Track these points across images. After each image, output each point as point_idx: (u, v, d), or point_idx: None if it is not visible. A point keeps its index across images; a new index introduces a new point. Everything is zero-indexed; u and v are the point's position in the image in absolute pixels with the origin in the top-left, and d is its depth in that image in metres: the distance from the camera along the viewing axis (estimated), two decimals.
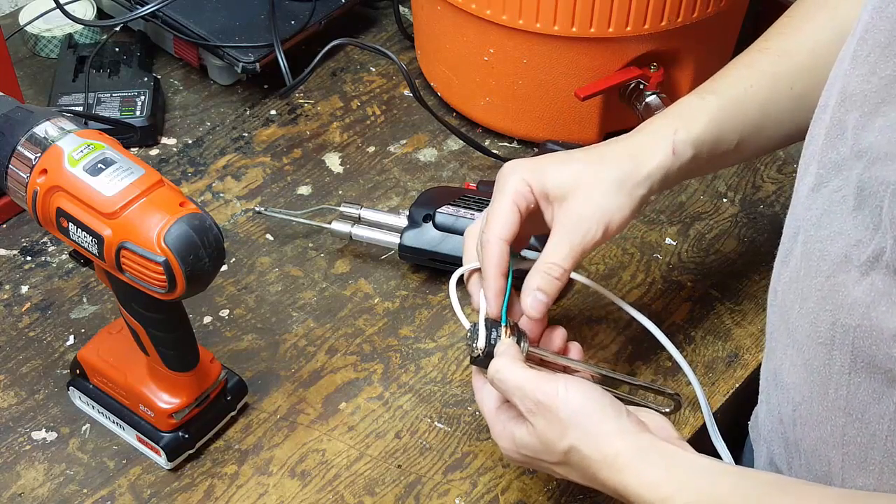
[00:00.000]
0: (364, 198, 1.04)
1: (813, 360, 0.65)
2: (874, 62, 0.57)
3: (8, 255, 0.97)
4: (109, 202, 0.69)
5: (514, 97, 1.05)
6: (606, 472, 0.66)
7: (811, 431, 0.68)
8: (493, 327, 0.74)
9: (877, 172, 0.57)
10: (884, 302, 0.58)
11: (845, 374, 0.62)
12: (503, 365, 0.70)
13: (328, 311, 0.94)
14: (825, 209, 0.62)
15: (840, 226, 0.61)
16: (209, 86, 1.16)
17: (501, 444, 0.72)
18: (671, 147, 0.77)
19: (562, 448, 0.67)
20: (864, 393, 0.62)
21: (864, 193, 0.58)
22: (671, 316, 0.95)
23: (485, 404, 0.74)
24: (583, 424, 0.67)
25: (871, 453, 0.63)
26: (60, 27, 1.17)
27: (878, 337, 0.59)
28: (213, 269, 0.72)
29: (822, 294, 0.63)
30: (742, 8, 1.09)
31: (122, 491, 0.81)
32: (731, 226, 1.03)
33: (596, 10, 0.96)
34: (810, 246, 0.64)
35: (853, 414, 0.63)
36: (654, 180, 0.77)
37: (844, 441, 0.65)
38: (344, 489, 0.82)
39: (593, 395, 0.68)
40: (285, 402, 0.87)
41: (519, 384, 0.69)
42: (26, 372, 0.88)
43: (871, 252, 0.58)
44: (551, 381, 0.68)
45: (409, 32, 1.22)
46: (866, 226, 0.58)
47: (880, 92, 0.57)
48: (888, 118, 0.57)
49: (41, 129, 0.72)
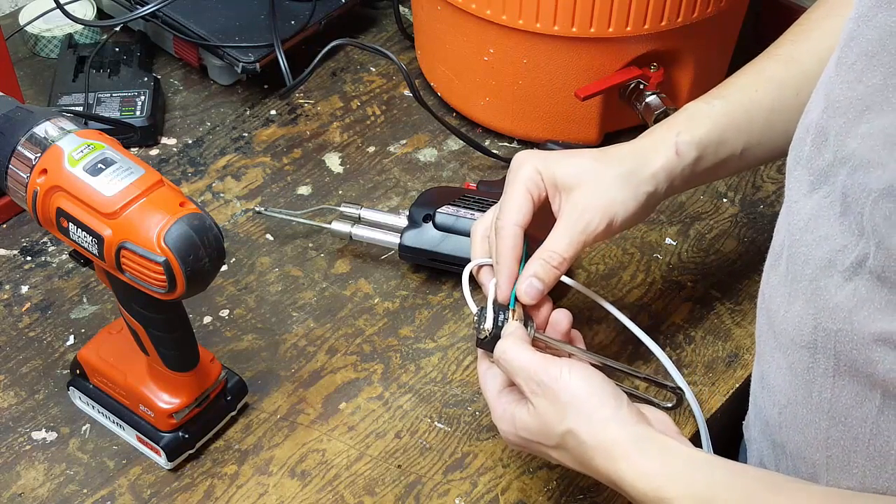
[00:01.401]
0: (364, 198, 1.04)
1: (797, 364, 0.66)
2: (860, 70, 0.58)
3: (8, 255, 0.97)
4: (109, 202, 0.69)
5: (514, 97, 1.05)
6: (601, 459, 0.66)
7: (796, 434, 0.68)
8: (501, 311, 0.75)
9: (859, 179, 0.57)
10: (866, 307, 0.58)
11: (829, 377, 0.63)
12: (509, 346, 0.71)
13: (328, 311, 0.94)
14: (813, 214, 0.63)
15: (826, 231, 0.61)
16: (209, 86, 1.16)
17: (501, 427, 0.72)
18: (674, 148, 0.78)
19: (560, 431, 0.68)
20: (846, 396, 0.62)
21: (849, 200, 0.59)
22: (671, 316, 0.95)
23: (488, 387, 0.74)
24: (582, 409, 0.67)
25: (853, 456, 0.63)
26: (60, 27, 1.17)
27: (860, 341, 0.59)
28: (213, 269, 0.72)
29: (805, 298, 0.63)
30: (742, 8, 1.09)
31: (122, 491, 0.81)
32: (731, 226, 1.03)
33: (596, 10, 0.96)
34: (796, 250, 0.64)
35: (836, 417, 0.63)
36: (659, 180, 0.78)
37: (828, 444, 0.65)
38: (344, 489, 0.82)
39: (595, 381, 0.68)
40: (285, 402, 0.87)
41: (524, 365, 0.70)
42: (26, 372, 0.88)
43: (854, 258, 0.59)
44: (555, 364, 0.69)
45: (409, 32, 1.22)
46: (851, 231, 0.59)
47: (865, 99, 0.57)
48: (871, 125, 0.57)
49: (41, 129, 0.72)
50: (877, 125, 0.56)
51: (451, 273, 0.96)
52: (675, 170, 0.78)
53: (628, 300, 0.96)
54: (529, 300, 0.75)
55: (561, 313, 0.77)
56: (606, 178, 0.76)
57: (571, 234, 0.75)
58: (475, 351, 0.90)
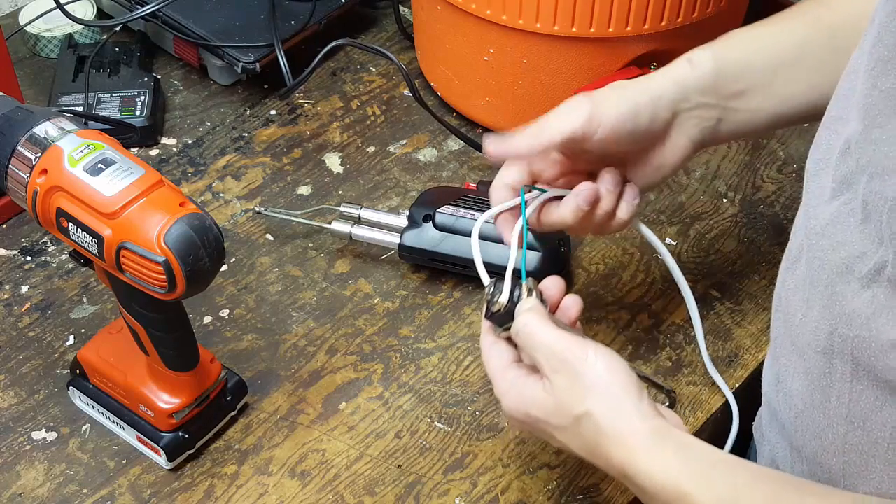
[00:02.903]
0: (364, 198, 1.04)
1: (814, 369, 0.65)
2: (876, 76, 0.57)
3: (8, 255, 0.97)
4: (109, 202, 0.69)
5: (514, 97, 1.05)
6: (616, 447, 0.64)
7: (812, 439, 0.68)
8: (514, 285, 0.72)
9: (876, 187, 0.57)
10: (884, 314, 0.58)
11: (846, 382, 0.62)
12: (532, 320, 0.69)
13: (328, 311, 0.94)
14: (832, 219, 0.62)
15: (844, 236, 0.60)
16: (209, 86, 1.16)
17: (505, 401, 0.70)
18: (685, 58, 0.75)
19: (577, 412, 0.66)
20: (865, 402, 0.62)
21: (869, 207, 0.58)
22: (671, 316, 0.95)
23: (492, 362, 0.72)
24: (605, 394, 0.65)
25: (872, 461, 0.63)
26: (60, 27, 1.17)
27: (878, 348, 0.59)
28: (213, 269, 0.72)
29: (823, 303, 0.63)
30: (742, 8, 1.09)
31: (122, 491, 0.81)
32: (731, 226, 1.03)
33: (596, 10, 0.96)
34: (814, 254, 0.64)
35: (854, 422, 0.63)
36: (673, 94, 0.75)
37: (846, 449, 0.64)
38: (344, 489, 0.82)
39: (621, 369, 0.66)
40: (285, 402, 0.87)
41: (548, 342, 0.67)
42: (26, 372, 0.88)
43: (873, 265, 0.58)
44: (582, 344, 0.67)
45: (409, 32, 1.22)
46: (871, 239, 0.58)
47: (879, 104, 0.57)
48: (884, 131, 0.56)
49: (41, 129, 0.72)
50: (889, 130, 0.56)
51: (451, 273, 0.96)
52: (689, 80, 0.75)
53: (628, 300, 0.96)
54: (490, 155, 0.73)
55: (571, 299, 0.74)
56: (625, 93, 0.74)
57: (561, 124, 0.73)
58: (475, 351, 0.91)
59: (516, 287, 0.72)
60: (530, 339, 0.68)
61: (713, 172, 1.08)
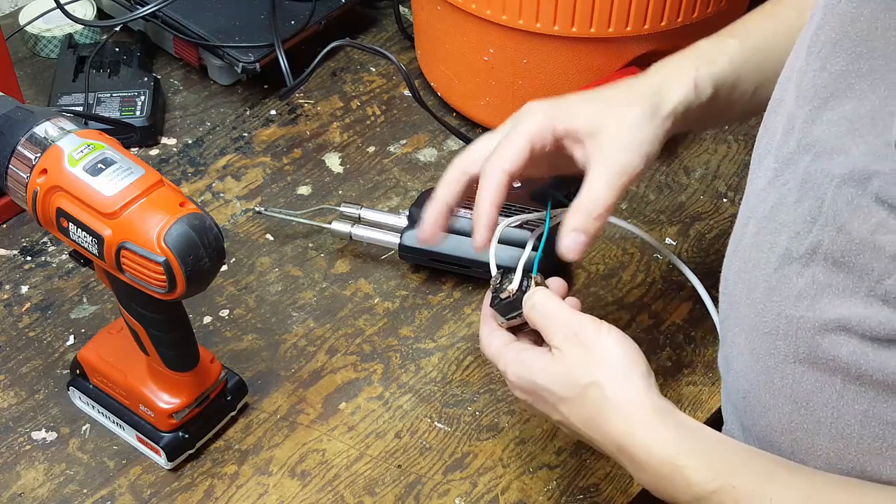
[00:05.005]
0: (364, 198, 1.04)
1: (759, 349, 0.66)
2: (825, 57, 0.59)
3: (8, 255, 0.97)
4: (109, 202, 0.69)
5: (514, 97, 1.05)
6: (618, 418, 0.65)
7: (760, 419, 0.68)
8: (524, 277, 0.73)
9: (822, 165, 0.58)
10: (826, 293, 0.59)
11: (790, 363, 0.63)
12: (545, 297, 0.71)
13: (328, 311, 0.94)
14: (776, 202, 0.63)
15: (785, 218, 0.62)
16: (209, 86, 1.16)
17: (511, 371, 0.71)
18: (693, 82, 0.75)
19: (585, 381, 0.66)
20: (808, 382, 0.62)
21: (807, 186, 0.60)
22: (671, 316, 0.95)
23: (493, 344, 0.73)
24: (615, 367, 0.66)
25: (817, 439, 0.64)
26: (60, 27, 1.17)
27: (820, 328, 0.60)
28: (213, 269, 0.72)
29: (769, 285, 0.64)
30: (742, 8, 1.09)
31: (122, 491, 0.81)
32: (731, 226, 1.03)
33: (596, 10, 0.96)
34: (761, 238, 0.65)
35: (798, 402, 0.64)
36: (677, 115, 0.75)
37: (791, 428, 0.65)
38: (344, 489, 0.82)
39: (632, 347, 0.68)
40: (285, 402, 0.87)
41: (563, 315, 0.69)
42: (26, 372, 0.88)
43: (808, 244, 0.59)
44: (595, 321, 0.68)
45: (409, 32, 1.22)
46: (804, 218, 0.60)
47: (829, 86, 0.58)
48: (836, 112, 0.58)
49: (41, 129, 0.72)
50: (840, 112, 0.57)
51: (451, 273, 0.96)
52: (692, 105, 0.75)
53: (628, 300, 0.96)
54: (574, 256, 0.71)
55: (572, 301, 0.75)
56: (631, 116, 0.73)
57: (610, 179, 0.71)
58: (475, 351, 0.91)
59: (525, 278, 0.73)
60: (546, 310, 0.70)
61: (713, 172, 1.08)
